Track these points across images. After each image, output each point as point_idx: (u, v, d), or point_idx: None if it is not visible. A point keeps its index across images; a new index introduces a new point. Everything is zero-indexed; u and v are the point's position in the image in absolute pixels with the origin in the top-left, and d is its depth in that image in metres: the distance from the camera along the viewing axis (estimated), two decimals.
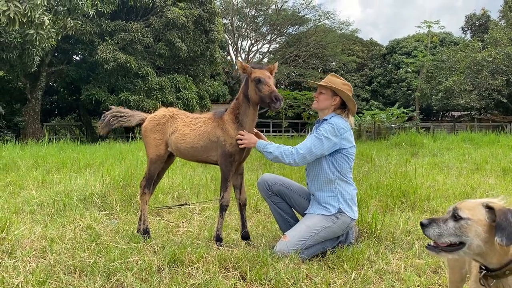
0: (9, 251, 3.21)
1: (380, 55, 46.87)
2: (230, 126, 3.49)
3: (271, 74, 3.43)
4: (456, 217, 1.77)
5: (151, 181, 3.86)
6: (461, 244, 1.75)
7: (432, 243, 1.84)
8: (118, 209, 4.75)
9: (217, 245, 3.44)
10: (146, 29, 20.84)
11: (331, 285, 2.78)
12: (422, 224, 1.85)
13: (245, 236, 3.69)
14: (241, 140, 3.43)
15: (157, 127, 3.77)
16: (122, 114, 3.96)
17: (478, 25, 41.38)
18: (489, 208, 1.71)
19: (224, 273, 2.88)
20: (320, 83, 3.48)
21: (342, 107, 3.46)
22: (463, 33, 43.44)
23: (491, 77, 28.04)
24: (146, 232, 3.74)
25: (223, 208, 3.56)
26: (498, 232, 1.63)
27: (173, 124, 3.76)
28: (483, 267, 1.80)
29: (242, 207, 3.73)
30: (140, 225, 3.83)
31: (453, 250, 1.77)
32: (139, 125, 3.99)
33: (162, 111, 3.92)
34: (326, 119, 3.41)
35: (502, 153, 10.35)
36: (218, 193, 5.74)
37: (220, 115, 3.60)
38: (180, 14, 20.62)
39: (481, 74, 28.17)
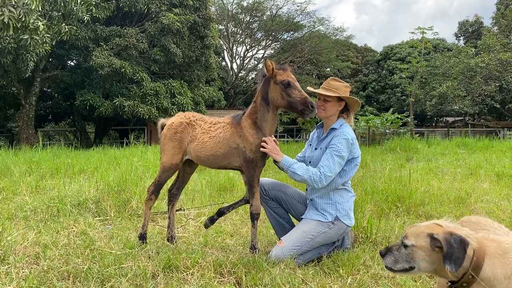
0: (2, 257, 3.17)
1: (374, 61, 47.22)
2: (248, 132, 3.33)
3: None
4: (403, 244, 1.94)
5: (159, 188, 3.77)
6: (411, 268, 1.92)
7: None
8: (112, 215, 4.73)
9: (252, 252, 3.34)
10: (141, 34, 20.85)
11: None
12: (380, 254, 2.05)
13: (221, 212, 3.68)
14: (265, 147, 3.27)
15: (175, 136, 3.62)
16: None
17: (471, 31, 41.80)
18: (433, 238, 1.84)
19: (219, 278, 2.87)
20: (327, 93, 3.32)
21: (345, 109, 3.43)
22: (456, 39, 43.88)
23: (484, 83, 28.33)
24: (142, 237, 3.71)
25: (254, 217, 3.37)
26: (446, 260, 1.77)
27: (191, 132, 3.61)
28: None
29: (244, 200, 3.64)
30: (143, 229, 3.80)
31: (406, 271, 1.96)
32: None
33: (179, 118, 3.73)
34: (336, 128, 3.33)
35: (496, 158, 10.43)
36: (213, 199, 5.76)
37: (238, 120, 3.43)
38: (175, 20, 20.66)
39: (474, 80, 28.47)
